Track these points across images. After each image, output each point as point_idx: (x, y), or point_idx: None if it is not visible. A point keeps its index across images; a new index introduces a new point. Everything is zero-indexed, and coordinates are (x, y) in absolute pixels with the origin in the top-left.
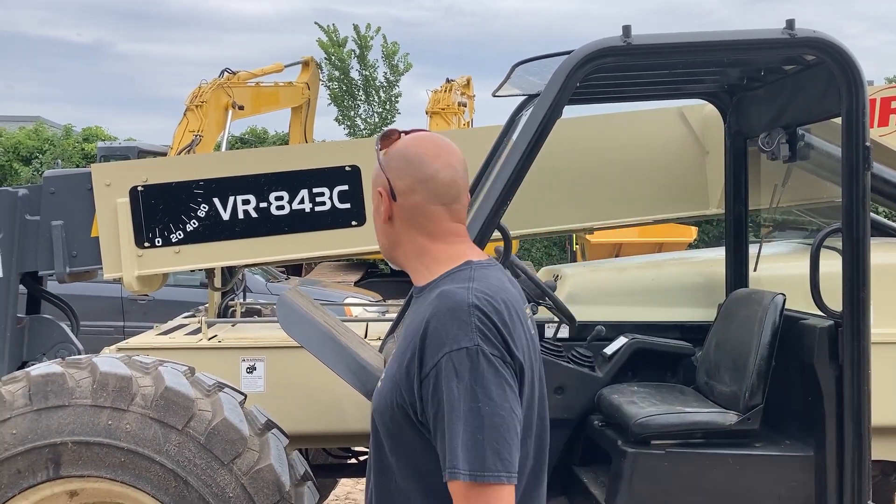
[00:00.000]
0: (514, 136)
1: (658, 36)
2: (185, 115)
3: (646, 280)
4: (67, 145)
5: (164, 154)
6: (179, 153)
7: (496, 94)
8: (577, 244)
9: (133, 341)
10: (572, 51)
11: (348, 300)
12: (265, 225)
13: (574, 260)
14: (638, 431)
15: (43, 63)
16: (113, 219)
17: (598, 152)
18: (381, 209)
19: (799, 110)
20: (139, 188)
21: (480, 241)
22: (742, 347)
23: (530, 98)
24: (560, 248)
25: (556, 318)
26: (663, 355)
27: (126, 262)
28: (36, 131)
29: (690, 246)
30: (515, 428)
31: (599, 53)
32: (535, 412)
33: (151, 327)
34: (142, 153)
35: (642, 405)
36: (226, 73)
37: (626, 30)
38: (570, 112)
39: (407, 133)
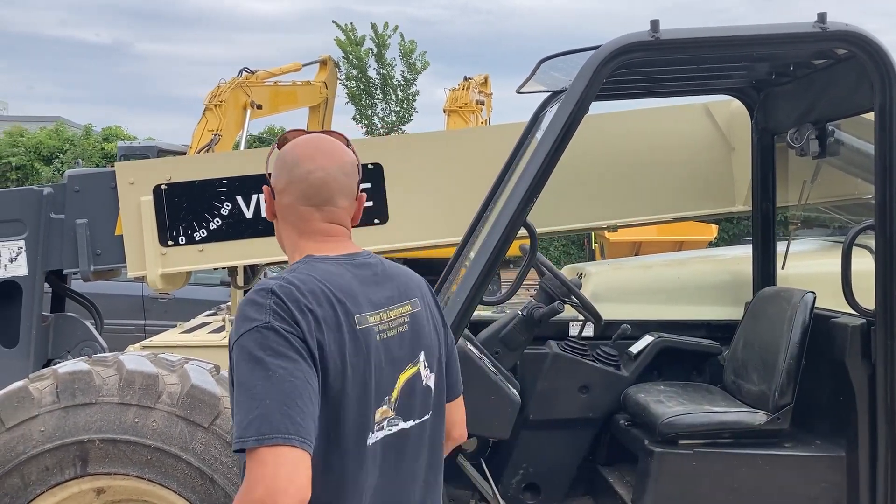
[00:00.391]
0: (539, 133)
1: (687, 30)
2: (204, 114)
3: (671, 278)
4: (87, 145)
5: (184, 153)
6: (198, 152)
7: (520, 91)
8: (595, 242)
9: (157, 339)
10: (599, 46)
11: None
12: None
13: (592, 258)
14: (665, 431)
15: (62, 63)
16: (137, 217)
17: (622, 149)
18: (268, 206)
19: (829, 105)
20: (163, 186)
21: (506, 238)
22: (771, 346)
23: (555, 94)
24: (578, 246)
25: (581, 317)
26: (689, 354)
27: (150, 261)
28: (56, 131)
29: (711, 244)
30: (309, 395)
31: (627, 48)
32: (344, 390)
33: (172, 325)
34: (161, 152)
35: (669, 404)
36: (244, 73)
37: (655, 24)
38: (593, 108)
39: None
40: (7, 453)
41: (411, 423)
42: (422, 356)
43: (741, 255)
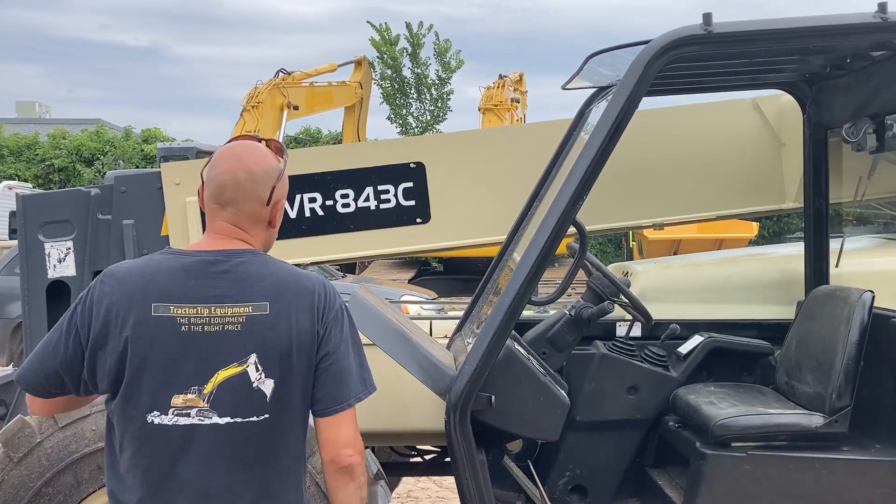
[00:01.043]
0: (586, 130)
1: (741, 23)
2: (241, 115)
3: (721, 277)
4: (128, 146)
5: None
6: None
7: (566, 87)
8: (633, 241)
9: None
10: (649, 41)
11: (405, 297)
12: (331, 223)
13: (630, 257)
14: (718, 433)
15: (103, 67)
16: (182, 217)
17: (668, 146)
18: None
19: (888, 98)
20: None
21: (556, 237)
22: (827, 346)
23: (600, 91)
24: (615, 244)
25: (628, 317)
26: (740, 354)
27: None
28: (97, 133)
29: (752, 242)
30: (50, 351)
31: (679, 42)
32: (127, 368)
33: None
34: (200, 153)
35: (721, 406)
36: (281, 74)
37: (707, 17)
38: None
39: (264, 141)
40: (61, 451)
41: (228, 419)
42: (253, 358)
43: (792, 253)
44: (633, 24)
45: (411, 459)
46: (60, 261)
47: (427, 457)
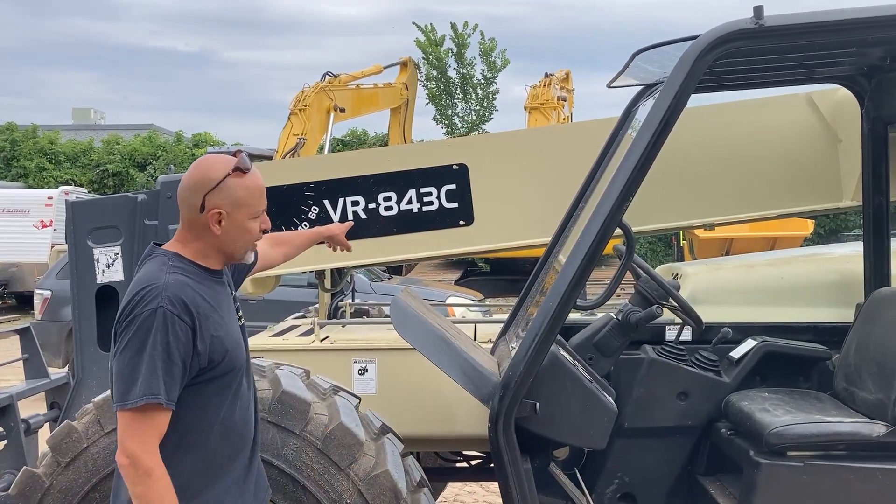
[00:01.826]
0: (634, 129)
1: (794, 16)
2: (289, 118)
3: (775, 278)
4: (179, 151)
5: (270, 157)
6: (284, 156)
7: (612, 85)
8: (684, 240)
9: (249, 343)
10: (698, 36)
11: (450, 299)
12: (374, 226)
13: (681, 257)
14: (773, 442)
15: (154, 73)
16: None
17: (720, 143)
18: None
19: None
20: None
21: (601, 239)
22: (889, 351)
23: (647, 88)
24: (666, 244)
25: (678, 320)
26: (796, 359)
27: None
28: (149, 138)
29: (807, 240)
30: None
31: (729, 37)
32: None
33: (263, 327)
34: (249, 157)
35: (776, 413)
36: (327, 77)
37: (758, 10)
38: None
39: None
40: (107, 456)
41: None
42: None
43: (850, 254)
44: (681, 19)
45: (457, 465)
46: (109, 266)
47: (473, 462)
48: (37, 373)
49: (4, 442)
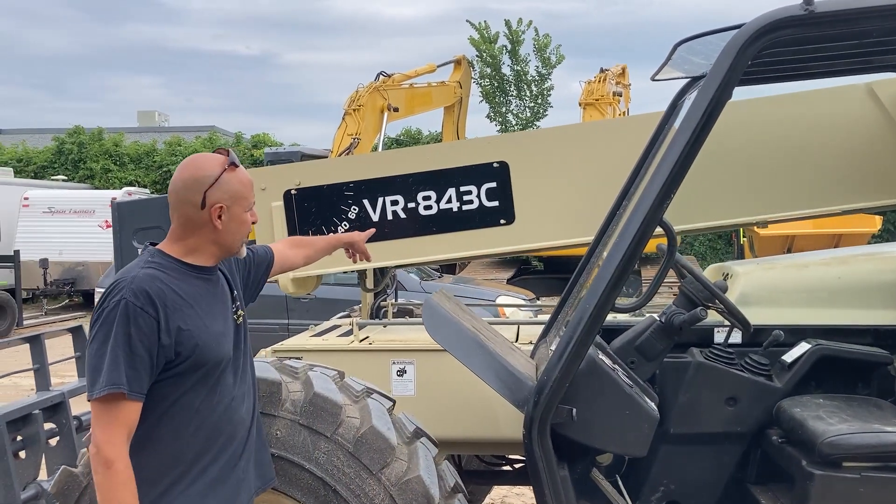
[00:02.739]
0: (677, 123)
1: (847, 1)
2: (343, 118)
3: (831, 278)
4: (238, 152)
5: (325, 157)
6: (339, 156)
7: (655, 78)
8: (744, 237)
9: (288, 343)
10: (743, 24)
11: (500, 299)
12: (413, 225)
13: (741, 254)
14: (827, 451)
15: (217, 76)
16: (269, 222)
17: (773, 137)
18: None
19: None
20: (292, 192)
21: (640, 239)
22: None
23: (694, 81)
24: (726, 241)
25: (727, 322)
26: (853, 364)
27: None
28: (210, 140)
29: (874, 237)
30: None
31: (776, 25)
32: None
33: (305, 326)
34: (304, 157)
35: (831, 421)
36: (381, 77)
37: None
38: (738, 94)
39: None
40: None
41: None
42: None
43: None
44: (741, 9)
45: (502, 468)
46: None
47: (517, 466)
48: None
49: (57, 438)
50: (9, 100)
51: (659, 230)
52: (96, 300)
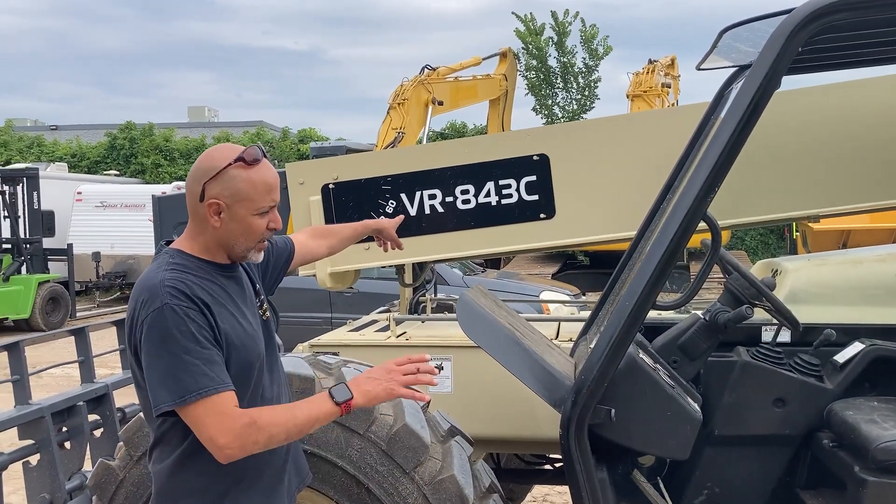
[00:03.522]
0: (723, 114)
1: None
2: (388, 112)
3: (887, 275)
4: (285, 147)
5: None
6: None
7: (700, 67)
8: (797, 232)
9: (325, 338)
10: (792, 9)
11: (544, 294)
12: (451, 220)
13: (794, 249)
14: (881, 458)
15: (266, 71)
16: (306, 216)
17: (826, 128)
18: None
19: None
20: (330, 186)
21: (683, 234)
22: None
23: (741, 69)
24: (778, 236)
25: (775, 321)
26: None
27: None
28: (258, 135)
29: None
30: None
31: (828, 9)
32: None
33: (357, 319)
34: (349, 151)
35: (886, 425)
36: (426, 70)
37: None
38: (788, 83)
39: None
40: None
41: None
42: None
43: None
44: None
45: (542, 467)
46: None
47: (557, 465)
48: None
49: (101, 430)
50: (66, 97)
51: (703, 225)
52: None
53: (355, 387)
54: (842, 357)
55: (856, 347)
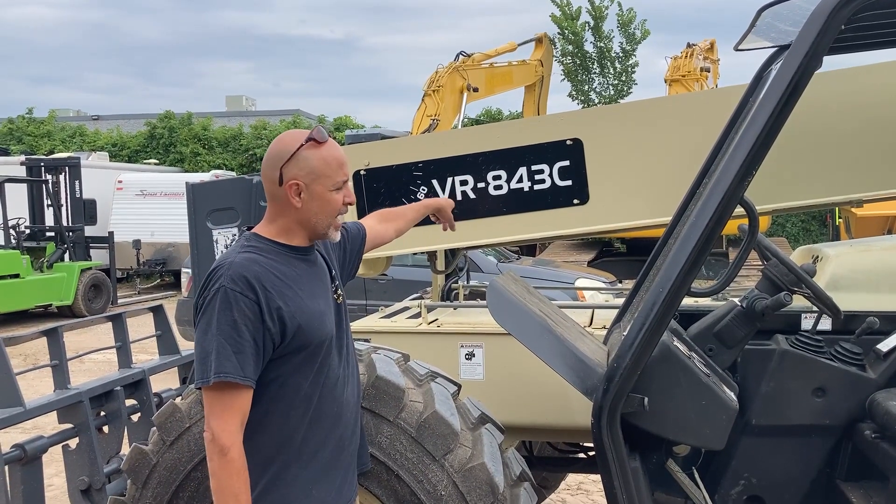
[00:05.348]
0: (761, 95)
1: None
2: (423, 100)
3: None
4: None
5: None
6: None
7: (738, 48)
8: (840, 218)
9: (357, 324)
10: None
11: (580, 282)
12: (483, 206)
13: (836, 236)
14: None
15: (302, 60)
16: None
17: (868, 110)
18: None
19: None
20: (362, 172)
21: (719, 219)
22: None
23: (781, 49)
24: (820, 222)
25: (815, 308)
26: None
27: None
28: (294, 123)
29: None
30: None
31: None
32: None
33: (376, 308)
34: (384, 139)
35: None
36: (461, 57)
37: None
38: (830, 64)
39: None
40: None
41: None
42: None
43: None
44: None
45: (576, 455)
46: (227, 247)
47: (591, 453)
48: (169, 349)
49: (139, 415)
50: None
51: (740, 210)
52: (183, 280)
53: None
54: (885, 346)
55: None
